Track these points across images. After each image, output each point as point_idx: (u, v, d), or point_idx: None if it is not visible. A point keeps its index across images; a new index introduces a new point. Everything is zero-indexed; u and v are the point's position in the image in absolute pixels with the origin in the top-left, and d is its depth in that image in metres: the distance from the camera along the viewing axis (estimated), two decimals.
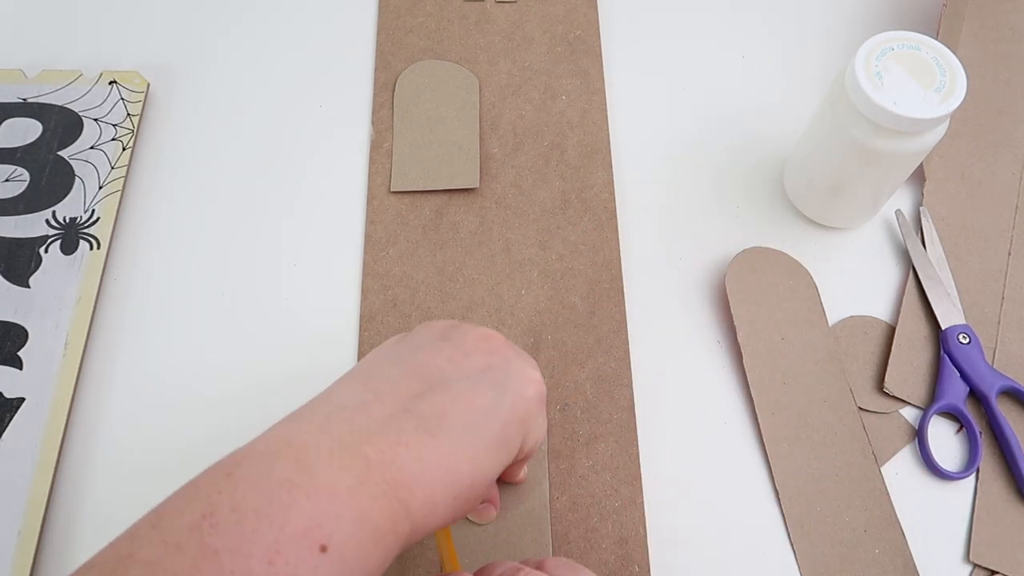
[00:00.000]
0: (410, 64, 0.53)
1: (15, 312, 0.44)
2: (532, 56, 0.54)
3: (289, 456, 0.26)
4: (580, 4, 0.56)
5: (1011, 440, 0.41)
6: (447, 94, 0.52)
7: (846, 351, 0.44)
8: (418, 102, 0.51)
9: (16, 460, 0.40)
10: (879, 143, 0.40)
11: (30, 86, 0.50)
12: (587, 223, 0.48)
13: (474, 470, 0.29)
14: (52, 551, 0.39)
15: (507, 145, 0.50)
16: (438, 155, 0.49)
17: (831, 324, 0.45)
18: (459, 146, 0.50)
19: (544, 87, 0.52)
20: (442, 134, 0.50)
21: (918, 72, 0.39)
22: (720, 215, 0.49)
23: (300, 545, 0.24)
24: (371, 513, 0.26)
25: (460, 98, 0.52)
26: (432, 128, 0.50)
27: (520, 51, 0.54)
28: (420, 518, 0.27)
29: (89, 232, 0.46)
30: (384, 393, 0.29)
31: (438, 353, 0.31)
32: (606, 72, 0.53)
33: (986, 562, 0.39)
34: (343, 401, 0.29)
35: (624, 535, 0.39)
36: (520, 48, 0.54)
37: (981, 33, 0.54)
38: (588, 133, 0.51)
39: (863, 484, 0.41)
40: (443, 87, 0.52)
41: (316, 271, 0.47)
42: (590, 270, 0.46)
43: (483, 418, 0.29)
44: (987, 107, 0.52)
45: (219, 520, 0.24)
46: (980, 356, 0.43)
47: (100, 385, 0.43)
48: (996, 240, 0.48)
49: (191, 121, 0.52)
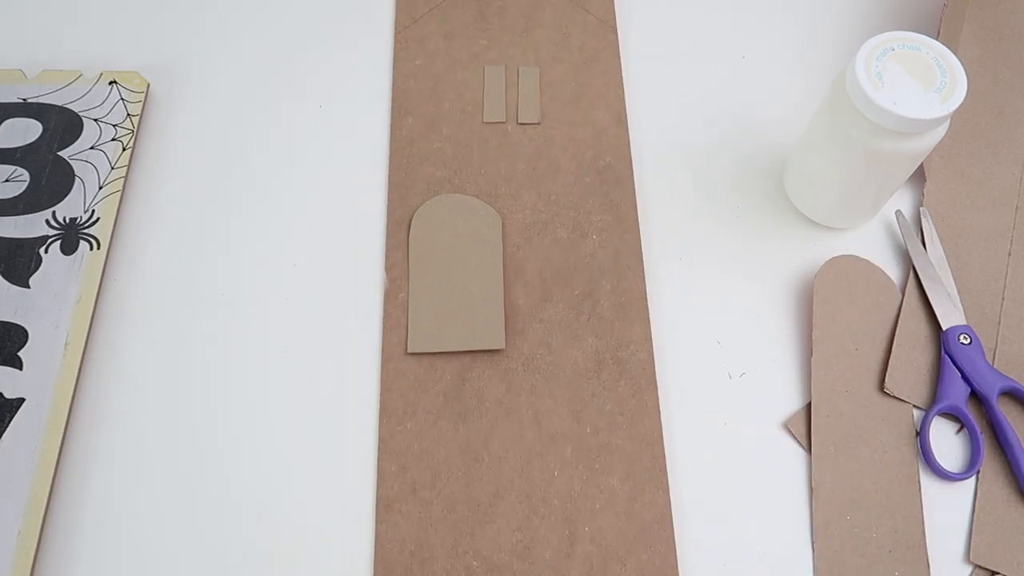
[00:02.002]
0: (426, 198, 0.48)
1: (15, 312, 0.44)
2: (559, 187, 0.49)
3: None
4: (610, 125, 0.51)
5: (1012, 441, 0.41)
6: (468, 233, 0.47)
7: None
8: (436, 243, 0.46)
9: (16, 460, 0.40)
10: (879, 143, 0.40)
11: (30, 86, 0.50)
12: (624, 388, 0.43)
13: None
14: (52, 551, 0.39)
15: (534, 294, 0.46)
16: (459, 309, 0.45)
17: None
18: (483, 299, 0.45)
19: (573, 224, 0.48)
20: (463, 282, 0.45)
21: (918, 72, 0.39)
22: (720, 215, 0.49)
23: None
24: None
25: (482, 237, 0.47)
26: (452, 275, 0.46)
27: (546, 181, 0.49)
28: None
29: (89, 232, 0.46)
30: None
31: None
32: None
33: (986, 562, 0.39)
34: None
35: None
36: (546, 177, 0.49)
37: (981, 33, 0.54)
38: (622, 279, 0.46)
39: (900, 507, 0.40)
40: (463, 224, 0.47)
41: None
42: (629, 446, 0.42)
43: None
44: (987, 107, 0.52)
45: None
46: (981, 357, 0.43)
47: (100, 385, 0.43)
48: (996, 240, 0.48)
49: (191, 121, 0.52)
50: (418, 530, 0.40)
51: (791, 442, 0.43)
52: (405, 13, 0.55)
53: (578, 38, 0.54)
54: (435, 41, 0.54)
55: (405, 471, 0.41)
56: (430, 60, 0.53)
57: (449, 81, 0.52)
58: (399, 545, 0.39)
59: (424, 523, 0.40)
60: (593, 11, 0.55)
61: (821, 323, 0.44)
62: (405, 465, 0.41)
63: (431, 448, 0.41)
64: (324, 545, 0.39)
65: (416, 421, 0.42)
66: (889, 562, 0.39)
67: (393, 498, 0.40)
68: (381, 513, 0.40)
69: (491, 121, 0.51)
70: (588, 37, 0.54)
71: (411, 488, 0.41)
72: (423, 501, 0.40)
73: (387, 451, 0.41)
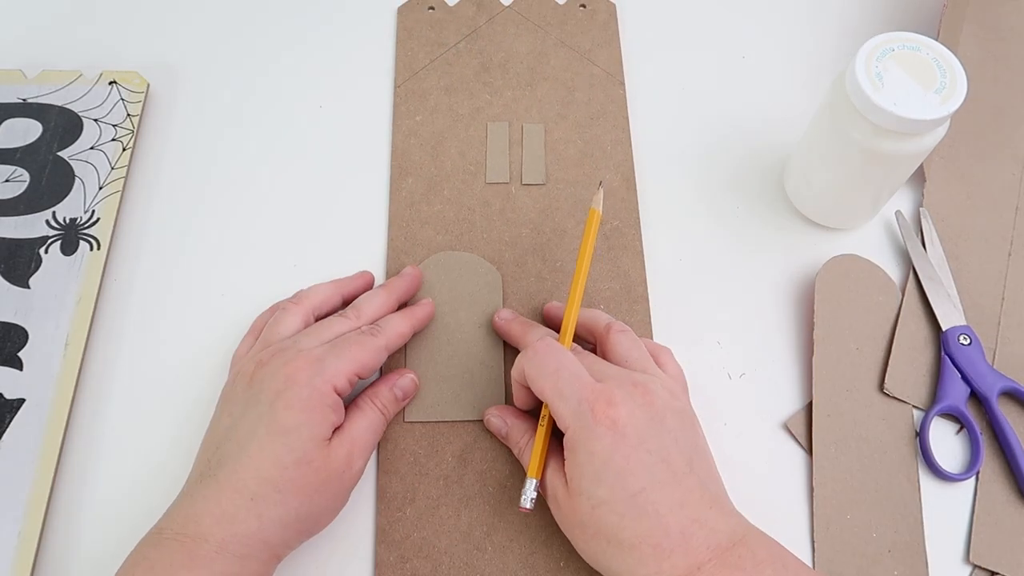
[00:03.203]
0: (424, 259, 0.47)
1: (15, 313, 0.44)
2: (565, 254, 0.47)
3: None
4: (618, 187, 0.49)
5: (1012, 441, 0.41)
6: (467, 294, 0.45)
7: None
8: (435, 304, 0.45)
9: (16, 461, 0.40)
10: (879, 144, 0.40)
11: (30, 86, 0.50)
12: None
13: (248, 472, 0.34)
14: (52, 551, 0.39)
15: None
16: (459, 376, 0.43)
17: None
18: (483, 364, 0.43)
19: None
20: (463, 347, 0.44)
21: (918, 73, 0.39)
22: (720, 216, 0.49)
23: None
24: (163, 557, 0.33)
25: (483, 299, 0.45)
26: (451, 339, 0.44)
27: (551, 247, 0.47)
28: (221, 532, 0.33)
29: (89, 232, 0.46)
30: (190, 473, 0.37)
31: (224, 416, 0.38)
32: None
33: (986, 563, 0.39)
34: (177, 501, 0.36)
35: None
36: (551, 244, 0.47)
37: (981, 34, 0.54)
38: (627, 317, 0.45)
39: (900, 507, 0.40)
40: (463, 285, 0.46)
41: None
42: None
43: (249, 436, 0.35)
44: (987, 107, 0.52)
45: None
46: (981, 357, 0.43)
47: (100, 385, 0.43)
48: (996, 241, 0.48)
49: (191, 121, 0.52)
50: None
51: (791, 442, 0.43)
52: (404, 65, 0.53)
53: (584, 92, 0.53)
54: (436, 96, 0.52)
55: (404, 562, 0.39)
56: (430, 116, 0.51)
57: (450, 139, 0.50)
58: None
59: None
60: (600, 64, 0.54)
61: (822, 322, 0.44)
62: (404, 556, 0.39)
63: (431, 538, 0.39)
64: None
65: (415, 508, 0.40)
66: (888, 562, 0.39)
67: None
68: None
69: (494, 182, 0.49)
70: (595, 91, 0.53)
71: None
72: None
73: (385, 541, 0.39)
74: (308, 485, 0.35)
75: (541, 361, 0.37)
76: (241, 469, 0.34)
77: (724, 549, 0.33)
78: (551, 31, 0.55)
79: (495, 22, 0.55)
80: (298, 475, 0.34)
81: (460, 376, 0.43)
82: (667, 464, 0.34)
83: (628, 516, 0.33)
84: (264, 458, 0.34)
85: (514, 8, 0.56)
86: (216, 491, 0.34)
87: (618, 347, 0.39)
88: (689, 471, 0.34)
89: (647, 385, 0.36)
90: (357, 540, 0.40)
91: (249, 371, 0.38)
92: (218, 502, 0.34)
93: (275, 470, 0.34)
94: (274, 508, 0.34)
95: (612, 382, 0.36)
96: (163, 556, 0.33)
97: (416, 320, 0.43)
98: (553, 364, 0.36)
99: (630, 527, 0.33)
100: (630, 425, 0.34)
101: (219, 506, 0.33)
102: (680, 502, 0.33)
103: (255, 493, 0.34)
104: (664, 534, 0.33)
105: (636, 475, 0.33)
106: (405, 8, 0.56)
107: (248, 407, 0.36)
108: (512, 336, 0.43)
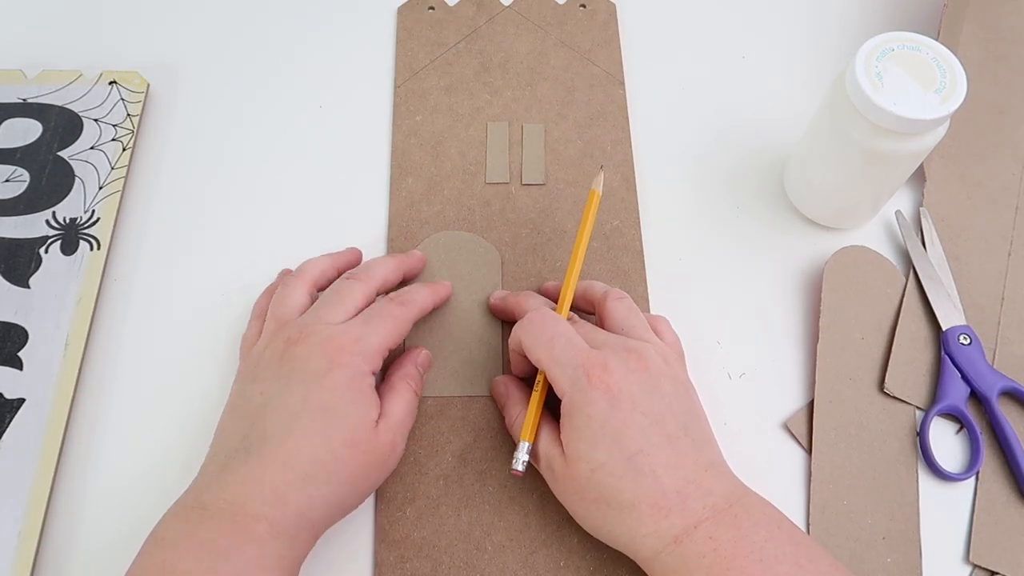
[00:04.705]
0: (424, 239, 0.47)
1: (15, 312, 0.44)
2: (565, 254, 0.47)
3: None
4: (618, 187, 0.49)
5: (1012, 441, 0.41)
6: (466, 273, 0.46)
7: None
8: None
9: (16, 460, 0.40)
10: (879, 144, 0.40)
11: (30, 86, 0.50)
12: None
13: (296, 452, 0.34)
14: (52, 551, 0.39)
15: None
16: (457, 355, 0.44)
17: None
18: (480, 339, 0.44)
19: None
20: (461, 323, 0.44)
21: (918, 73, 0.39)
22: (720, 215, 0.49)
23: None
24: (211, 535, 0.32)
25: (481, 278, 0.46)
26: (449, 315, 0.45)
27: (550, 247, 0.47)
28: (273, 512, 0.33)
29: (89, 232, 0.46)
30: (216, 447, 0.37)
31: (254, 394, 0.37)
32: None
33: (986, 562, 0.39)
34: (203, 471, 0.36)
35: None
36: (550, 243, 0.47)
37: (981, 34, 0.54)
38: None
39: (896, 496, 0.41)
40: (461, 263, 0.46)
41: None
42: None
43: (293, 416, 0.35)
44: (987, 107, 0.52)
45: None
46: (981, 357, 0.43)
47: (100, 385, 0.43)
48: (996, 240, 0.48)
49: (191, 121, 0.52)
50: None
51: (791, 442, 0.43)
52: (404, 65, 0.53)
53: (584, 92, 0.53)
54: (436, 96, 0.52)
55: (404, 561, 0.39)
56: (430, 116, 0.51)
57: (450, 139, 0.50)
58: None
59: None
60: (600, 64, 0.53)
61: (828, 311, 0.44)
62: (404, 555, 0.39)
63: (431, 538, 0.39)
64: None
65: (415, 507, 0.40)
66: (882, 548, 0.39)
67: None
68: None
69: (494, 182, 0.49)
70: (595, 91, 0.53)
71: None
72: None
73: (385, 540, 0.39)
74: (358, 467, 0.35)
75: (537, 330, 0.38)
76: (289, 448, 0.34)
77: (720, 510, 0.33)
78: (551, 31, 0.55)
79: (495, 22, 0.55)
80: (349, 456, 0.34)
81: (458, 353, 0.44)
82: (661, 427, 0.35)
83: (626, 477, 0.34)
84: (314, 438, 0.34)
85: (514, 8, 0.56)
86: (260, 469, 0.33)
87: (615, 314, 0.39)
88: (683, 435, 0.35)
89: (641, 351, 0.36)
90: (357, 540, 0.40)
91: (279, 349, 0.37)
92: (267, 481, 0.33)
93: (326, 452, 0.34)
94: (324, 488, 0.34)
95: (607, 349, 0.36)
96: (211, 534, 0.32)
97: (438, 296, 0.43)
98: (549, 332, 0.37)
99: (629, 488, 0.33)
100: (625, 390, 0.35)
101: (269, 485, 0.33)
102: (675, 464, 0.34)
103: (307, 473, 0.33)
104: (661, 494, 0.33)
105: (632, 437, 0.34)
106: (405, 8, 0.56)
107: (288, 385, 0.36)
108: (509, 309, 0.43)
